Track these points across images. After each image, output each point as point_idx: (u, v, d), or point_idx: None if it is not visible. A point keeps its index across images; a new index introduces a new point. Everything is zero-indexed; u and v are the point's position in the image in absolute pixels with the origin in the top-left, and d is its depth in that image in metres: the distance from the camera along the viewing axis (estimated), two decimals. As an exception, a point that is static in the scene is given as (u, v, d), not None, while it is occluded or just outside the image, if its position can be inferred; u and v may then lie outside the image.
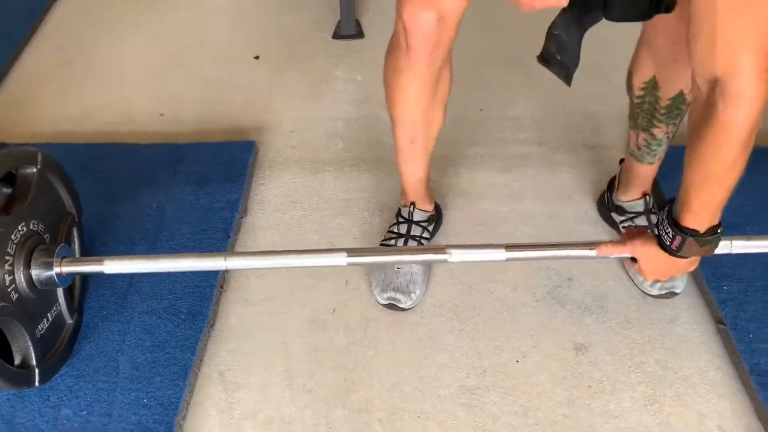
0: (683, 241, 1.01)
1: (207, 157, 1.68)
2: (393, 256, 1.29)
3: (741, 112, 0.83)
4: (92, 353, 1.29)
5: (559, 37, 0.96)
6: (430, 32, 1.10)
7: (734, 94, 0.82)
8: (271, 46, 2.08)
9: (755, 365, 1.22)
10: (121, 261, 1.20)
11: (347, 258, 1.17)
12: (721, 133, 0.86)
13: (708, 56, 0.82)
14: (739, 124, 0.84)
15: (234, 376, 1.29)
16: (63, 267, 1.18)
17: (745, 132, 0.85)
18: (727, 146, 0.87)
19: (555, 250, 1.20)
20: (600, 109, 1.82)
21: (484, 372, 1.28)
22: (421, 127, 1.27)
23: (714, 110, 0.85)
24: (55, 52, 2.10)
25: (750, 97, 0.82)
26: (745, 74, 0.81)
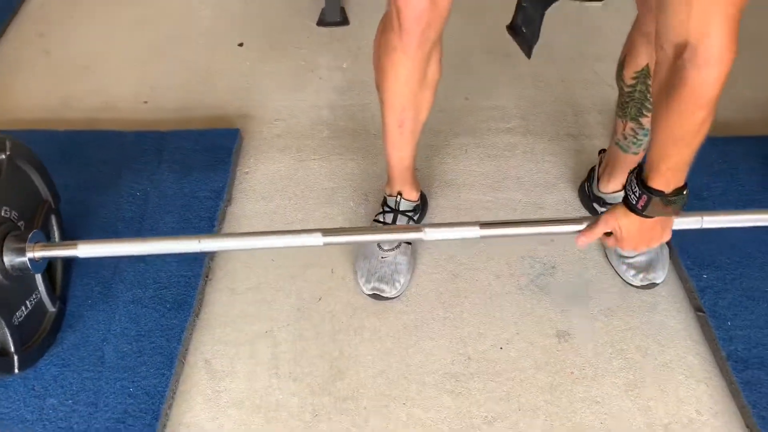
0: (649, 200, 1.03)
1: (191, 144, 1.67)
2: (369, 235, 1.28)
3: (710, 74, 0.86)
4: (77, 342, 1.28)
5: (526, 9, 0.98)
6: (422, 12, 1.11)
7: (704, 57, 0.85)
8: (255, 32, 2.07)
9: (732, 351, 1.25)
10: (94, 245, 1.19)
11: (323, 238, 1.16)
12: (690, 96, 0.88)
13: (681, 21, 0.85)
14: (708, 86, 0.87)
15: (220, 364, 1.29)
16: (36, 252, 1.17)
17: (713, 94, 0.88)
18: (696, 108, 0.90)
19: (529, 227, 1.21)
20: (583, 98, 1.83)
21: (468, 359, 1.30)
22: (410, 110, 1.27)
23: (683, 74, 0.87)
24: (34, 39, 2.06)
25: (719, 60, 0.85)
26: (715, 38, 0.84)
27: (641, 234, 1.10)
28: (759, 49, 1.92)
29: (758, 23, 1.97)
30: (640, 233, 1.10)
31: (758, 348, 1.25)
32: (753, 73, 1.86)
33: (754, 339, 1.27)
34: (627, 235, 1.10)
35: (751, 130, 1.69)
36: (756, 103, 1.78)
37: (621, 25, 2.14)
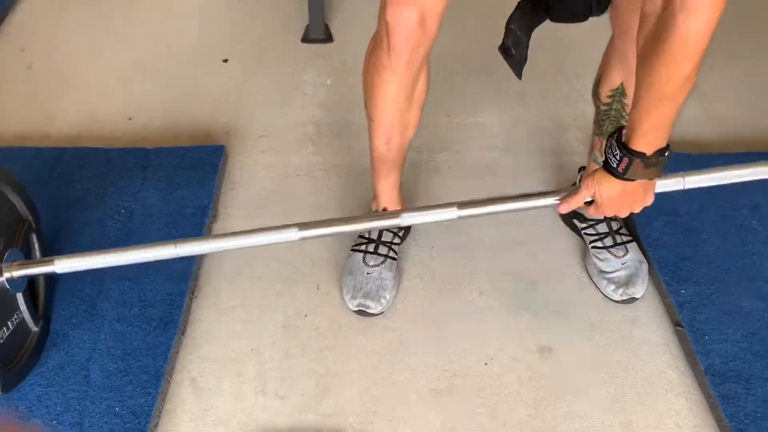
0: (630, 162, 1.01)
1: (176, 161, 1.67)
2: (344, 226, 1.25)
3: (701, 21, 0.85)
4: (62, 361, 1.28)
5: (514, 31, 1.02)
6: (411, 31, 1.14)
7: (696, 3, 0.84)
8: (240, 49, 2.08)
9: (710, 365, 1.28)
10: (71, 259, 1.20)
11: (299, 232, 1.17)
12: (680, 45, 0.87)
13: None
14: (698, 34, 0.86)
15: (206, 382, 1.30)
16: (13, 271, 1.18)
17: (703, 42, 0.87)
18: (685, 59, 0.89)
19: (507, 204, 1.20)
20: (564, 114, 1.87)
21: (453, 375, 1.31)
22: (398, 127, 1.30)
23: (672, 21, 0.86)
24: (16, 55, 2.06)
25: (709, 6, 0.84)
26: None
27: (622, 198, 1.08)
28: (738, 68, 1.97)
29: (738, 42, 2.02)
30: (622, 197, 1.08)
31: (735, 362, 1.28)
32: (732, 92, 1.91)
33: (730, 353, 1.30)
34: (608, 201, 1.09)
35: (728, 147, 1.74)
36: (735, 121, 1.83)
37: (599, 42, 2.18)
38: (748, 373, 1.26)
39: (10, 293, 1.20)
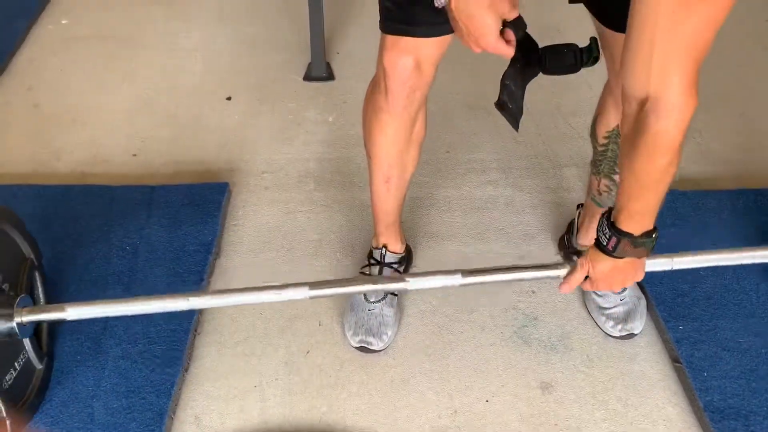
0: (618, 241, 1.06)
1: (180, 198, 1.70)
2: (354, 286, 1.28)
3: (671, 123, 0.90)
4: (66, 399, 1.29)
5: (509, 86, 1.07)
6: (407, 77, 1.17)
7: (665, 107, 0.90)
8: (243, 87, 2.12)
9: (709, 402, 1.29)
10: (83, 306, 1.20)
11: (309, 291, 1.19)
12: (654, 144, 0.93)
13: (642, 76, 0.90)
14: (670, 134, 0.92)
15: (210, 420, 1.30)
16: (24, 317, 1.18)
17: (676, 141, 0.93)
18: (661, 155, 0.95)
19: (510, 273, 1.23)
20: (561, 151, 1.90)
21: (455, 412, 1.32)
22: (397, 167, 1.33)
23: (646, 124, 0.92)
24: (23, 93, 2.10)
25: (679, 109, 0.90)
26: (675, 89, 0.89)
27: (613, 274, 1.13)
28: (728, 107, 2.02)
29: (726, 82, 2.07)
30: (613, 273, 1.13)
31: (734, 398, 1.30)
32: (722, 130, 1.95)
33: (729, 390, 1.31)
34: (601, 276, 1.13)
35: (721, 184, 1.77)
36: (725, 158, 1.87)
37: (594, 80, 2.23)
38: (747, 410, 1.28)
39: (18, 338, 1.21)
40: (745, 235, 1.60)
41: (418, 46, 1.15)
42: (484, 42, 1.00)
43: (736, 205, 1.68)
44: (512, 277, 1.24)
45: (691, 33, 0.85)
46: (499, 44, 1.01)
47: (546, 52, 1.07)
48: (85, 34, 2.34)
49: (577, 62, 1.06)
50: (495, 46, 1.01)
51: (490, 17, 0.99)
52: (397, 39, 1.15)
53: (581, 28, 2.33)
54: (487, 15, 0.99)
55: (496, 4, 0.99)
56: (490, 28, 0.99)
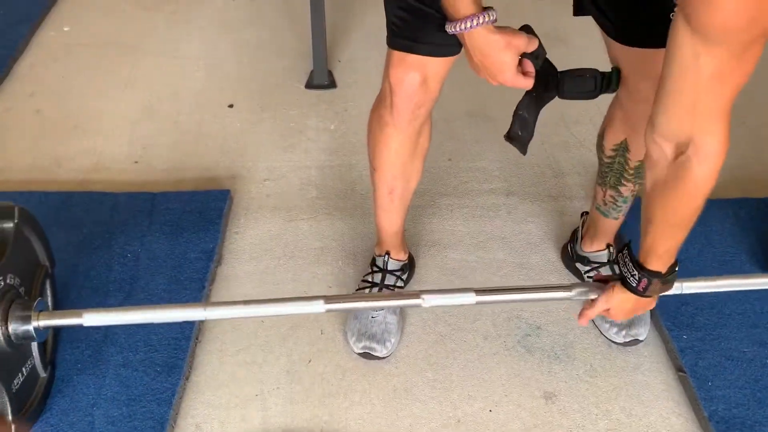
0: (649, 282, 1.08)
1: (181, 205, 1.69)
2: (369, 302, 1.32)
3: (712, 167, 0.93)
4: (67, 408, 1.28)
5: (522, 115, 1.06)
6: (413, 93, 1.17)
7: (707, 153, 0.92)
8: (245, 94, 2.12)
9: (714, 412, 1.28)
10: (99, 313, 1.21)
11: (325, 305, 1.20)
12: (694, 188, 0.95)
13: (684, 121, 0.91)
14: (709, 178, 0.95)
15: (210, 428, 1.30)
16: (41, 321, 1.18)
17: (712, 183, 0.96)
18: (697, 197, 0.97)
19: (522, 294, 1.27)
20: (563, 160, 1.90)
21: (458, 422, 1.31)
22: (400, 179, 1.33)
23: (688, 168, 0.94)
24: (25, 99, 2.10)
25: (719, 153, 0.92)
26: (717, 135, 0.91)
27: (634, 307, 1.15)
28: (734, 116, 2.00)
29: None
30: (634, 307, 1.15)
31: (738, 408, 1.29)
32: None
33: (734, 399, 1.30)
34: (621, 311, 1.15)
35: (724, 192, 1.77)
36: (728, 166, 1.84)
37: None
38: (752, 420, 1.27)
39: (34, 341, 1.21)
40: (748, 244, 1.60)
41: (424, 63, 1.14)
42: (502, 78, 1.02)
43: (738, 213, 1.67)
44: (525, 298, 1.28)
45: (732, 86, 0.87)
46: (517, 79, 1.03)
47: (565, 76, 1.07)
48: (87, 40, 2.34)
49: (597, 88, 1.06)
50: (513, 82, 1.03)
51: (507, 55, 1.00)
52: (404, 55, 1.14)
53: (586, 38, 2.35)
54: (504, 53, 1.00)
55: (511, 42, 1.01)
56: (507, 65, 1.01)
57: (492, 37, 1.00)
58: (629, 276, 1.09)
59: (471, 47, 1.02)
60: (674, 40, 0.85)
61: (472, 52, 1.02)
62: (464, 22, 1.00)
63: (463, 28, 1.00)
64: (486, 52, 1.01)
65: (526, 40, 1.01)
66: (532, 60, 1.02)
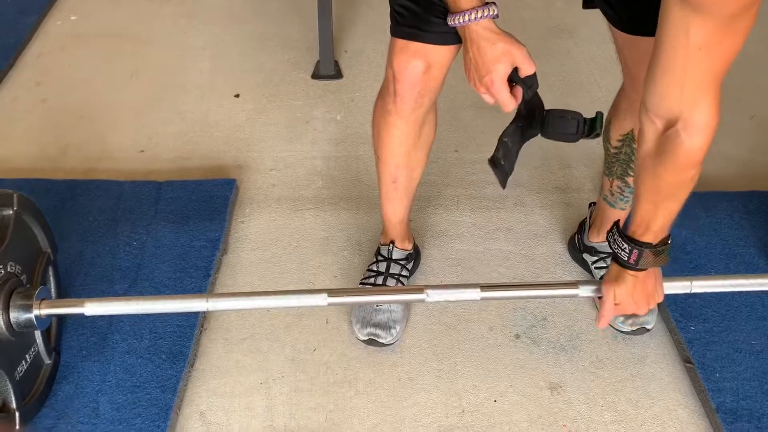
0: (640, 253, 1.07)
1: (187, 194, 1.69)
2: (373, 296, 1.32)
3: (701, 139, 0.93)
4: (72, 394, 1.28)
5: (506, 144, 1.07)
6: (416, 80, 1.16)
7: (697, 126, 0.92)
8: (251, 84, 2.11)
9: (721, 403, 1.27)
10: (101, 303, 1.20)
11: (328, 298, 1.19)
12: (685, 159, 0.95)
13: (674, 96, 0.91)
14: (698, 150, 0.95)
15: (215, 416, 1.29)
16: (42, 309, 1.18)
17: (702, 154, 0.96)
18: (688, 168, 0.97)
19: (527, 290, 1.27)
20: (570, 152, 1.89)
21: (462, 412, 1.31)
22: (404, 168, 1.32)
23: (677, 142, 0.94)
24: (32, 88, 2.10)
25: (709, 126, 0.93)
26: (705, 108, 0.91)
27: (636, 291, 1.13)
28: (739, 109, 2.00)
29: (738, 83, 2.04)
30: (636, 291, 1.13)
31: (746, 400, 1.28)
32: (734, 131, 1.93)
33: (741, 391, 1.29)
34: (625, 296, 1.13)
35: (733, 185, 1.75)
36: (737, 159, 1.85)
37: (604, 81, 2.22)
38: (760, 412, 1.26)
39: (36, 329, 1.21)
40: (758, 237, 1.59)
41: (428, 51, 1.14)
42: (489, 80, 1.01)
43: (748, 206, 1.66)
44: (529, 294, 1.28)
45: (721, 58, 0.87)
46: (502, 90, 1.01)
47: (549, 115, 1.07)
48: (93, 30, 2.34)
49: (578, 132, 1.06)
50: (498, 89, 1.01)
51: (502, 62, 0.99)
52: (407, 43, 1.14)
53: (593, 31, 2.33)
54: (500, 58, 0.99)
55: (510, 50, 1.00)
56: (498, 72, 1.00)
57: (491, 35, 1.00)
58: (620, 251, 1.09)
59: (469, 40, 1.02)
60: (664, 14, 0.85)
61: (469, 46, 1.02)
62: (464, 14, 1.00)
63: (463, 20, 1.00)
64: (482, 49, 1.00)
65: (525, 54, 1.01)
66: (524, 88, 1.02)
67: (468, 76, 1.05)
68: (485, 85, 1.02)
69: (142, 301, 1.22)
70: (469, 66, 1.04)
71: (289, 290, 1.25)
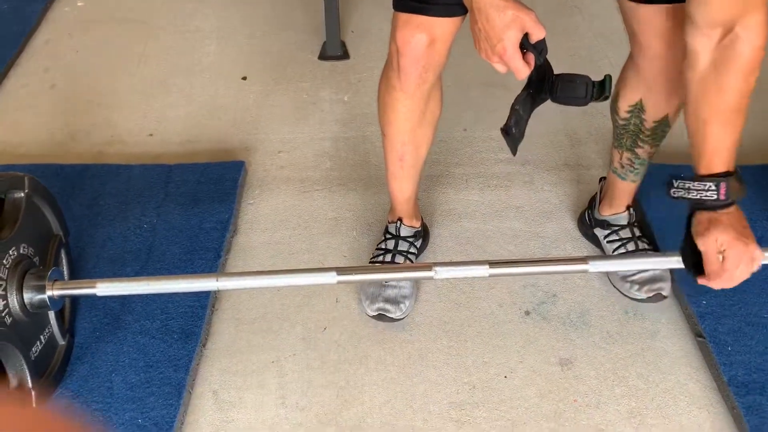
0: (728, 184, 1.03)
1: (196, 177, 1.70)
2: (382, 274, 1.33)
3: (762, 38, 0.96)
4: (86, 374, 1.30)
5: (518, 111, 1.06)
6: (420, 55, 1.16)
7: (755, 25, 0.95)
8: (258, 67, 2.11)
9: (733, 377, 1.27)
10: (113, 283, 1.22)
11: (337, 276, 1.20)
12: (749, 61, 0.98)
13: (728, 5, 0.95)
14: (761, 49, 0.98)
15: (227, 395, 1.31)
16: (55, 290, 1.20)
17: (763, 54, 0.98)
18: (754, 71, 1.00)
19: (536, 266, 1.27)
20: (579, 128, 1.87)
21: (473, 388, 1.31)
22: (410, 145, 1.32)
23: (737, 44, 0.97)
24: (40, 75, 2.10)
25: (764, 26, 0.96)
26: (759, 10, 0.95)
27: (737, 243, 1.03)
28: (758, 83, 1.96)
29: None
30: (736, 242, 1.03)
31: (758, 373, 1.27)
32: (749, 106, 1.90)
33: (754, 364, 1.29)
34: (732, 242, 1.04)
35: (745, 159, 1.72)
36: (752, 133, 1.81)
37: (614, 56, 2.19)
38: (771, 385, 1.25)
39: (49, 310, 1.22)
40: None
41: (431, 24, 1.13)
42: (501, 48, 0.97)
43: (761, 181, 1.64)
44: (538, 270, 1.28)
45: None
46: (515, 57, 0.98)
47: (559, 80, 1.06)
48: (100, 16, 2.34)
49: (587, 96, 1.05)
50: (511, 57, 0.98)
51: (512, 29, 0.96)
52: (410, 16, 1.13)
53: (599, 4, 2.30)
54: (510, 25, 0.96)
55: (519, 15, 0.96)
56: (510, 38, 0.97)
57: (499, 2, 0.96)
58: (705, 193, 1.03)
59: (476, 10, 0.98)
60: None
61: (477, 16, 0.99)
62: None
63: None
64: (491, 17, 0.97)
65: (534, 19, 0.98)
66: (535, 54, 1.01)
67: (478, 47, 1.01)
68: (498, 53, 0.98)
69: (152, 281, 1.24)
70: (478, 36, 1.01)
71: (298, 269, 1.26)
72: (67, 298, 1.33)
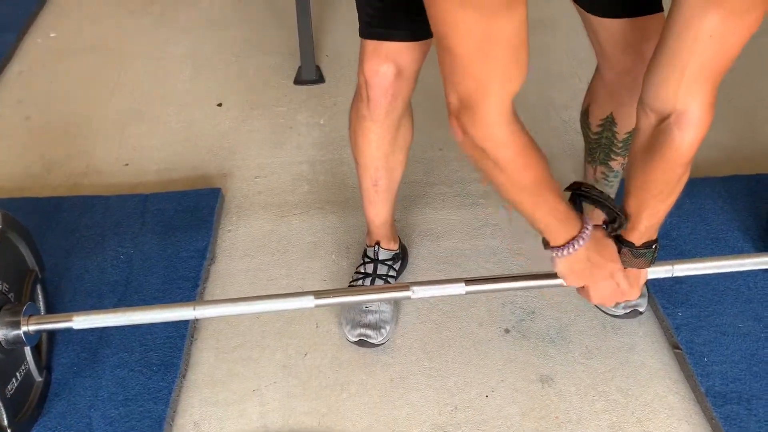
0: (618, 250, 1.08)
1: (173, 205, 1.69)
2: (359, 296, 1.32)
3: (693, 136, 0.93)
4: (64, 410, 1.28)
5: None
6: (388, 85, 1.17)
7: (690, 121, 0.92)
8: (234, 92, 2.12)
9: (710, 387, 1.28)
10: (89, 316, 1.21)
11: (315, 300, 1.20)
12: (674, 156, 0.95)
13: (673, 85, 0.91)
14: (691, 147, 0.95)
15: (209, 426, 1.30)
16: (30, 325, 1.18)
17: (693, 152, 0.96)
18: (678, 165, 0.97)
19: (512, 282, 1.26)
20: (553, 145, 1.90)
21: (455, 409, 1.31)
22: (383, 170, 1.33)
23: (669, 137, 0.94)
24: (14, 106, 2.09)
25: (702, 122, 0.93)
26: (700, 104, 0.91)
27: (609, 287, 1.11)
28: (722, 93, 2.00)
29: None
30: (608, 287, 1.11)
31: (735, 383, 1.29)
32: (719, 117, 1.92)
33: (730, 374, 1.30)
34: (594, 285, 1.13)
35: (716, 170, 1.76)
36: (720, 145, 1.86)
37: (584, 73, 2.22)
38: (749, 394, 1.27)
39: (24, 346, 1.21)
40: (741, 221, 1.60)
41: (399, 51, 1.14)
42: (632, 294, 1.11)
43: (731, 191, 1.67)
44: (515, 286, 1.28)
45: (727, 49, 0.87)
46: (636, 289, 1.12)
47: None
48: (73, 46, 2.34)
49: None
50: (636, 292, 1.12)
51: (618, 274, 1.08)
52: (378, 45, 1.15)
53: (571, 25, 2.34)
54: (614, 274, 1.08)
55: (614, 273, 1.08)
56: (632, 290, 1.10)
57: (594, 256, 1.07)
58: None
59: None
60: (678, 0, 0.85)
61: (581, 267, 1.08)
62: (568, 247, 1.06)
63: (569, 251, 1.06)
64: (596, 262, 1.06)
65: None
66: None
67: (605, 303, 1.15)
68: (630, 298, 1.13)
69: (129, 312, 1.23)
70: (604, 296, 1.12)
71: (275, 294, 1.26)
72: (43, 332, 1.32)
